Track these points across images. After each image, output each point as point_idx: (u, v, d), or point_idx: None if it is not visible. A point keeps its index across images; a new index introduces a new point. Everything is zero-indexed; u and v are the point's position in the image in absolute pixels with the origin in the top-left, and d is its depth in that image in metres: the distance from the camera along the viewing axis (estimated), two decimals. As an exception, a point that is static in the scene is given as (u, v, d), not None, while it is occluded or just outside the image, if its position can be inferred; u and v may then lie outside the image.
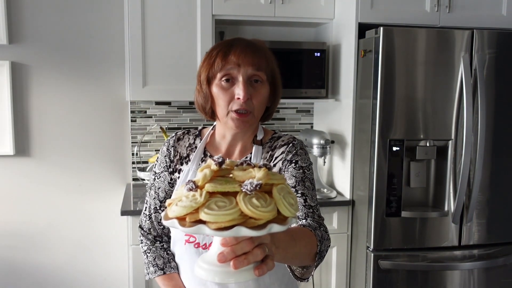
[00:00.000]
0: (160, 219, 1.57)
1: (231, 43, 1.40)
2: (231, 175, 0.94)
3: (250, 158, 1.48)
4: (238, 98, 1.36)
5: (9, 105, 3.14)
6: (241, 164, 0.95)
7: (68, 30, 3.21)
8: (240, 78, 1.36)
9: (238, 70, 1.36)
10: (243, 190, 0.86)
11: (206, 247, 1.43)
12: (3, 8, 3.04)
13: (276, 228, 0.86)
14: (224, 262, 0.89)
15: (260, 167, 0.92)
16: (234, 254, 0.89)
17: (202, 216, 0.84)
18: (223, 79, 1.38)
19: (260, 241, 0.93)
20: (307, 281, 1.35)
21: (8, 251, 3.30)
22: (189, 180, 0.89)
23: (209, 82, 1.41)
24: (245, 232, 0.83)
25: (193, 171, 1.50)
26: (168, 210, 0.90)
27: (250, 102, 1.38)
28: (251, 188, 0.85)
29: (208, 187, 0.87)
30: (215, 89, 1.40)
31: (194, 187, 0.87)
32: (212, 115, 1.48)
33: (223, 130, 1.50)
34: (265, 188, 0.90)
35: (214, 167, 0.90)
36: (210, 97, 1.43)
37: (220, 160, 0.92)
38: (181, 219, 0.87)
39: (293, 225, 1.35)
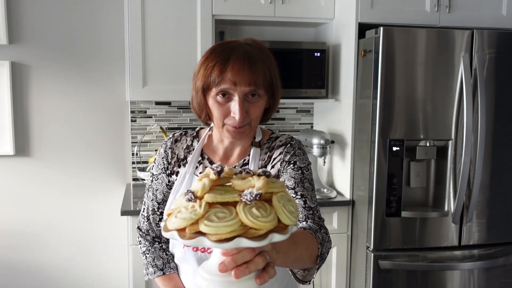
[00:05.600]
0: (159, 221, 1.57)
1: (228, 56, 1.33)
2: (229, 184, 0.93)
3: (248, 160, 1.47)
4: (234, 117, 1.33)
5: (9, 105, 3.14)
6: (240, 172, 0.95)
7: (68, 30, 3.21)
8: (236, 97, 1.32)
9: (235, 89, 1.32)
10: (243, 200, 0.86)
11: (204, 250, 1.43)
12: (3, 8, 3.03)
13: (277, 237, 0.86)
14: (225, 272, 0.89)
15: (259, 175, 0.92)
16: (235, 264, 0.89)
17: (202, 228, 0.83)
18: (219, 95, 1.34)
19: (261, 249, 0.93)
20: (309, 283, 1.35)
21: (8, 251, 3.30)
22: (188, 190, 0.88)
23: (204, 91, 1.38)
24: (246, 243, 0.83)
25: (190, 173, 1.49)
26: (167, 221, 0.90)
27: (246, 118, 1.35)
28: (251, 198, 0.85)
29: (208, 197, 0.86)
30: (210, 101, 1.37)
31: (193, 197, 0.87)
32: (207, 120, 1.45)
33: (220, 135, 1.48)
34: (265, 196, 0.89)
35: (213, 176, 0.90)
36: (205, 106, 1.40)
37: (219, 169, 0.91)
38: (181, 231, 0.86)
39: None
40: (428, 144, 2.77)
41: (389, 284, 2.82)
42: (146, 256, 1.58)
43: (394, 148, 2.73)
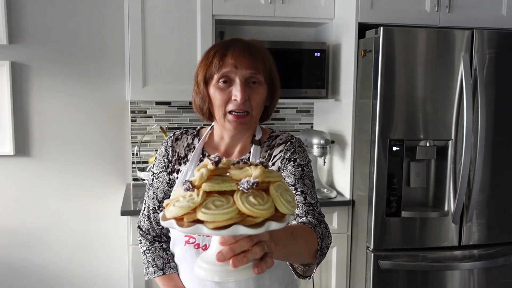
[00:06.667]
0: (159, 220, 1.56)
1: (229, 44, 1.39)
2: (227, 174, 0.93)
3: (249, 158, 1.48)
4: (235, 100, 1.36)
5: (9, 105, 3.14)
6: (238, 162, 0.95)
7: (68, 30, 3.21)
8: (237, 80, 1.36)
9: (236, 73, 1.36)
10: (240, 188, 0.86)
11: (206, 248, 1.42)
12: (3, 8, 3.04)
13: (274, 225, 0.86)
14: (223, 261, 0.89)
15: (256, 165, 0.92)
16: (233, 253, 0.89)
17: (200, 215, 0.84)
18: (221, 80, 1.37)
19: (258, 239, 0.93)
20: (309, 278, 1.35)
21: (8, 251, 3.30)
22: (186, 180, 0.89)
23: (206, 83, 1.41)
24: (243, 230, 0.83)
25: (191, 171, 1.49)
26: (165, 210, 0.90)
27: (248, 103, 1.38)
28: (248, 186, 0.85)
29: (205, 186, 0.87)
30: (212, 90, 1.40)
31: (191, 187, 0.87)
32: (209, 116, 1.47)
33: (221, 131, 1.49)
34: (262, 186, 0.90)
35: (210, 166, 0.90)
36: (207, 98, 1.42)
37: (216, 159, 0.92)
38: (179, 220, 0.86)
39: (293, 222, 1.35)
40: (428, 144, 2.77)
41: (389, 284, 2.82)
42: (146, 256, 1.58)
43: (394, 148, 2.73)
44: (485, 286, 2.93)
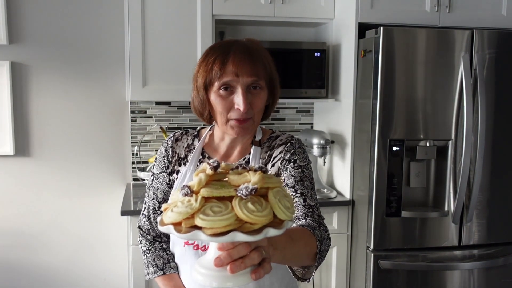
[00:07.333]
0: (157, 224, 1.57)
1: (228, 49, 1.36)
2: (226, 179, 0.93)
3: (249, 159, 1.47)
4: (238, 109, 1.34)
5: (9, 105, 3.14)
6: (236, 168, 0.95)
7: (68, 30, 3.21)
8: (239, 89, 1.34)
9: (237, 81, 1.33)
10: (239, 194, 0.85)
11: (205, 248, 1.42)
12: (3, 8, 3.04)
13: (272, 232, 0.86)
14: (221, 267, 0.89)
15: (255, 170, 0.92)
16: (231, 258, 0.89)
17: (198, 222, 0.83)
18: (222, 88, 1.35)
19: (256, 244, 0.93)
20: (309, 281, 1.35)
21: (8, 251, 3.30)
22: (184, 185, 0.88)
23: (206, 88, 1.39)
24: (241, 237, 0.83)
25: (191, 172, 1.49)
26: (163, 215, 0.90)
27: (250, 110, 1.36)
28: (247, 192, 0.85)
29: (203, 192, 0.86)
30: (213, 97, 1.38)
31: (189, 192, 0.87)
32: (210, 119, 1.46)
33: (221, 132, 1.49)
34: (261, 192, 0.89)
35: (209, 171, 0.90)
36: (207, 103, 1.40)
37: (215, 164, 0.91)
38: (177, 225, 0.86)
39: (293, 225, 1.34)
40: (428, 144, 2.76)
41: (389, 284, 2.82)
42: (146, 256, 1.58)
43: (394, 148, 2.73)
44: (485, 286, 2.94)
